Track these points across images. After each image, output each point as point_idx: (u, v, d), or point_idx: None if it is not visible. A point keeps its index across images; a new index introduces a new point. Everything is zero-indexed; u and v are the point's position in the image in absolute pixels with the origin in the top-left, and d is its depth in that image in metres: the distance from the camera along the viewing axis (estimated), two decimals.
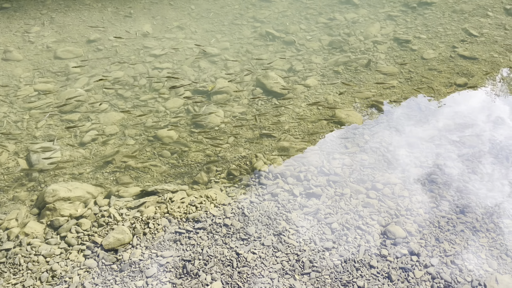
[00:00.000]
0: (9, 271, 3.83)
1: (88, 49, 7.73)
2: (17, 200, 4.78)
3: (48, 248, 4.05)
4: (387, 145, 5.33)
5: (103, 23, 8.52)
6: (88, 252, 3.99)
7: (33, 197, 4.83)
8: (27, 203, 4.75)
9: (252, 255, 3.88)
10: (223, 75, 7.10)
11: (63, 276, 3.75)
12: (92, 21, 8.53)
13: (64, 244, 4.10)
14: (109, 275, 3.75)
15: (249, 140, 5.66)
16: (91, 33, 8.15)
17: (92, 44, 7.87)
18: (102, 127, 5.91)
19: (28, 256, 3.96)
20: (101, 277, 3.74)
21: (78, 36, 8.05)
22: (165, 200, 4.60)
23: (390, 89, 6.51)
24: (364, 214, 4.34)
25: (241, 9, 9.31)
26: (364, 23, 8.57)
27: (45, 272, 3.79)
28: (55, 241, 4.14)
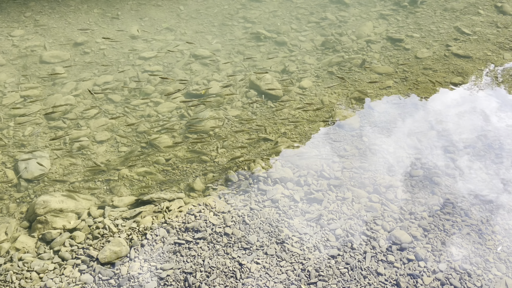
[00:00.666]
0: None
1: (75, 53, 7.50)
2: (6, 213, 4.57)
3: (41, 263, 3.86)
4: (386, 147, 5.26)
5: (89, 25, 8.28)
6: (83, 266, 3.82)
7: (23, 209, 4.62)
8: (16, 216, 4.54)
9: (255, 265, 3.75)
10: (216, 78, 6.95)
11: None
12: (78, 24, 8.29)
13: (57, 259, 3.91)
14: None
15: (246, 145, 5.53)
16: (78, 36, 7.91)
17: (79, 47, 7.64)
18: (93, 134, 5.72)
19: (20, 272, 3.76)
20: None
21: (64, 39, 7.80)
22: (162, 209, 4.44)
23: (386, 89, 6.44)
24: (367, 219, 4.24)
25: (231, 9, 9.15)
26: (356, 22, 8.50)
27: None
28: (48, 256, 3.95)
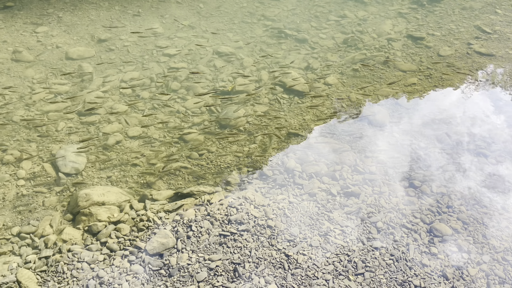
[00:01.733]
0: (52, 279, 3.71)
1: (99, 49, 7.57)
2: (48, 206, 4.65)
3: (90, 254, 3.94)
4: (417, 142, 5.35)
5: (111, 22, 8.35)
6: (132, 257, 3.89)
7: (64, 202, 4.70)
8: (58, 209, 4.62)
9: (302, 256, 3.84)
10: (241, 74, 7.02)
11: (112, 282, 3.65)
12: (100, 20, 8.35)
13: (106, 250, 3.99)
14: (159, 281, 3.67)
15: (277, 140, 5.61)
16: (101, 32, 7.98)
17: (103, 44, 7.70)
18: (125, 129, 5.79)
19: (71, 263, 3.84)
20: (151, 283, 3.65)
21: (88, 35, 7.87)
22: (203, 202, 4.52)
23: (411, 86, 6.53)
24: (406, 212, 4.33)
25: (250, 7, 9.23)
26: (375, 20, 8.58)
27: (92, 279, 3.68)
28: (96, 247, 4.03)
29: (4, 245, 4.14)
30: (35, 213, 4.55)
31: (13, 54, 7.23)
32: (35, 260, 3.90)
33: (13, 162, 5.14)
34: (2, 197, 4.70)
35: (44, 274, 3.76)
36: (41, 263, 3.87)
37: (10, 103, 6.14)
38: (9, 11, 8.44)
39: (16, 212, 4.55)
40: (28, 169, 5.09)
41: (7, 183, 4.89)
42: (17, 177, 4.98)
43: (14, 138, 5.55)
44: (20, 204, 4.65)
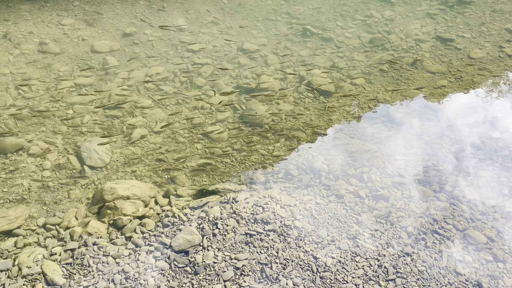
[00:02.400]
0: (78, 272, 3.68)
1: (124, 43, 7.56)
2: (73, 198, 4.63)
3: (116, 248, 3.91)
4: (449, 146, 5.20)
5: (136, 16, 8.34)
6: (157, 253, 3.85)
7: (89, 195, 4.68)
8: (83, 201, 4.60)
9: (331, 259, 3.74)
10: (265, 72, 6.94)
11: (137, 278, 3.61)
12: (125, 14, 8.35)
13: (131, 245, 3.95)
14: (185, 278, 3.61)
15: (302, 139, 5.52)
16: (126, 26, 7.97)
17: (128, 38, 7.70)
18: (149, 124, 5.76)
19: (96, 256, 3.81)
20: (177, 280, 3.60)
21: (113, 29, 7.88)
22: (228, 200, 4.45)
23: (441, 88, 6.37)
24: (438, 217, 4.20)
25: (274, 4, 9.14)
26: (402, 20, 8.41)
27: (117, 274, 3.65)
28: (121, 242, 3.99)
29: (30, 236, 4.13)
30: (61, 204, 4.54)
31: (39, 46, 7.27)
32: (61, 252, 3.88)
33: (39, 153, 5.14)
34: (28, 188, 4.71)
35: (69, 266, 3.73)
36: (67, 255, 3.85)
37: (36, 94, 6.17)
38: (36, 2, 8.50)
39: (42, 203, 4.55)
40: (54, 161, 5.10)
41: (33, 174, 4.90)
42: (43, 168, 4.98)
43: (40, 129, 5.56)
44: (46, 195, 4.65)
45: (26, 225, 4.25)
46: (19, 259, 3.80)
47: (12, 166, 4.96)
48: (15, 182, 4.75)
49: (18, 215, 4.29)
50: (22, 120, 5.69)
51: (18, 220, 4.24)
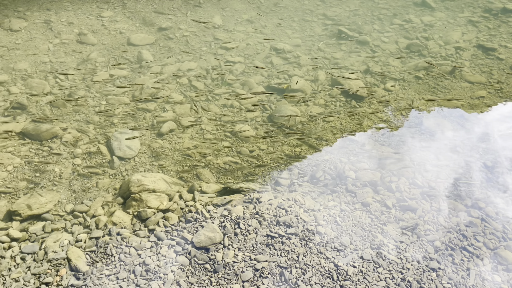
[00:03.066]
0: (101, 260, 3.75)
1: (159, 37, 7.67)
2: (101, 187, 4.73)
3: (138, 240, 3.96)
4: (484, 160, 4.99)
5: (173, 11, 8.44)
6: (178, 248, 3.88)
7: (116, 185, 4.77)
8: (110, 191, 4.69)
9: (352, 268, 3.66)
10: (297, 73, 6.88)
11: (157, 271, 3.64)
12: (162, 9, 8.46)
13: (153, 238, 4.00)
14: (203, 275, 3.62)
15: (331, 143, 5.43)
16: (162, 21, 8.08)
17: (163, 32, 7.80)
18: (178, 119, 5.81)
19: (119, 246, 3.88)
20: (196, 277, 3.61)
21: (150, 23, 7.99)
22: (252, 200, 4.44)
23: (479, 99, 6.13)
24: (468, 234, 4.04)
25: (311, 5, 9.04)
26: (443, 27, 8.15)
27: (138, 266, 3.70)
28: (144, 234, 4.05)
29: (58, 222, 4.25)
30: (89, 193, 4.64)
31: (78, 36, 7.47)
32: (86, 240, 3.97)
33: (72, 141, 5.28)
34: (59, 174, 4.84)
35: (93, 254, 3.81)
36: (91, 243, 3.94)
37: (73, 84, 6.34)
38: None
39: (71, 190, 4.66)
40: (85, 149, 5.22)
41: (65, 161, 5.04)
42: (74, 155, 5.11)
43: (74, 118, 5.71)
44: (75, 183, 4.77)
45: (55, 211, 4.37)
46: (45, 243, 3.91)
47: (45, 152, 5.11)
48: (47, 168, 4.89)
49: (48, 200, 4.42)
50: (58, 108, 5.85)
51: (47, 205, 4.37)
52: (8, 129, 5.36)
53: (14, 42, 7.21)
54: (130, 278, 3.59)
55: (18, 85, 6.26)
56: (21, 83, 6.28)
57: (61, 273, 3.62)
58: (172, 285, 3.54)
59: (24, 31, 7.47)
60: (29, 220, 4.25)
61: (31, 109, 5.76)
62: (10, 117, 5.62)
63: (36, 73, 6.53)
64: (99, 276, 3.60)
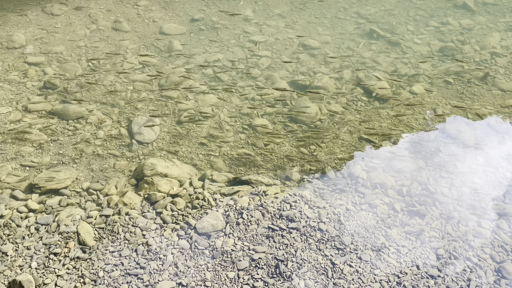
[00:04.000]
0: (107, 237, 3.94)
1: (191, 28, 7.83)
2: (117, 169, 4.94)
3: (145, 221, 4.12)
4: (504, 171, 4.81)
5: (207, 3, 8.58)
6: (181, 232, 4.00)
7: (132, 168, 4.96)
8: (126, 173, 4.89)
9: (348, 267, 3.66)
10: (322, 70, 6.85)
11: (158, 252, 3.79)
12: (197, 0, 8.62)
13: (159, 220, 4.15)
14: (201, 260, 3.73)
15: (347, 143, 5.39)
16: (196, 12, 8.24)
17: (195, 23, 7.96)
18: (199, 108, 5.94)
19: (126, 226, 4.06)
20: (193, 261, 3.72)
21: (183, 13, 8.18)
22: (258, 192, 4.50)
23: (509, 108, 5.87)
24: (474, 244, 3.92)
25: (346, 2, 8.92)
26: (481, 31, 7.83)
27: (141, 245, 3.85)
28: (151, 216, 4.21)
29: (74, 197, 4.49)
30: (105, 173, 4.86)
31: (114, 23, 7.76)
32: (96, 217, 4.18)
33: (96, 123, 5.53)
34: (80, 153, 5.09)
35: (101, 231, 4.01)
36: (101, 220, 4.14)
37: (103, 68, 6.61)
38: None
39: (90, 169, 4.90)
40: (107, 131, 5.46)
41: (88, 141, 5.28)
42: (96, 137, 5.36)
43: (101, 101, 5.97)
44: (94, 162, 5.00)
45: (72, 187, 4.62)
46: (59, 216, 4.15)
47: (70, 132, 5.39)
48: (70, 146, 5.15)
49: (67, 176, 4.67)
50: (87, 91, 6.13)
51: (66, 181, 4.62)
52: (39, 108, 5.68)
53: (54, 26, 7.59)
54: (132, 256, 3.75)
55: (53, 66, 6.60)
56: (56, 65, 6.63)
57: (69, 246, 3.84)
58: (170, 266, 3.67)
59: (63, 16, 7.84)
60: (48, 193, 4.51)
61: (62, 90, 6.07)
62: (42, 96, 5.95)
63: (70, 56, 6.86)
64: (103, 252, 3.79)
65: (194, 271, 3.63)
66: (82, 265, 3.66)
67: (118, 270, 3.62)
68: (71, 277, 3.55)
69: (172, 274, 3.60)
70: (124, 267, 3.65)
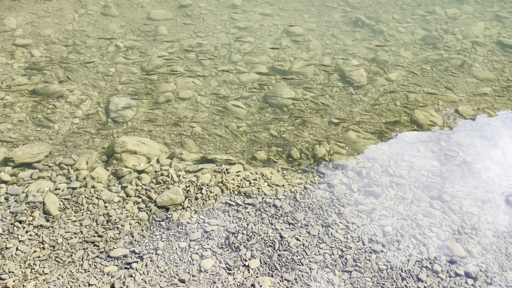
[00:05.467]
0: (71, 208, 4.15)
1: (178, 14, 7.97)
2: (91, 145, 5.14)
3: (109, 194, 4.32)
4: (464, 156, 4.89)
5: None
6: (142, 205, 4.19)
7: (105, 145, 5.16)
8: (98, 150, 5.09)
9: (295, 241, 3.81)
10: (303, 56, 6.95)
11: (117, 222, 3.99)
12: None
13: (123, 194, 4.34)
14: (157, 231, 3.91)
15: (316, 126, 5.51)
16: None
17: (182, 9, 8.10)
18: (177, 91, 6.10)
19: (90, 198, 4.26)
20: (149, 231, 3.91)
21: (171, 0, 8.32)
22: (221, 170, 4.67)
23: (481, 96, 5.93)
24: (423, 223, 4.04)
25: None
26: (467, 20, 7.84)
27: (102, 216, 4.05)
28: (116, 189, 4.40)
29: (45, 171, 4.70)
30: (79, 149, 5.07)
31: (103, 8, 7.94)
32: (64, 189, 4.39)
33: (75, 102, 5.73)
34: (57, 131, 5.30)
35: (66, 202, 4.22)
36: (67, 192, 4.34)
37: (88, 51, 6.80)
38: None
39: (64, 145, 5.11)
40: (85, 111, 5.66)
41: (65, 120, 5.49)
42: (75, 115, 5.56)
43: (82, 81, 6.17)
44: (69, 139, 5.20)
45: (45, 162, 4.83)
46: (29, 188, 4.37)
47: (50, 110, 5.60)
48: (47, 124, 5.37)
49: (41, 151, 4.88)
50: (70, 72, 6.33)
51: (39, 155, 4.83)
52: (22, 88, 5.90)
53: (45, 11, 7.80)
54: (91, 226, 3.96)
55: (40, 49, 6.81)
56: (43, 47, 6.84)
57: (34, 214, 4.05)
58: (127, 235, 3.86)
59: (55, 1, 8.04)
60: (21, 167, 4.73)
61: (46, 71, 6.28)
62: (26, 76, 6.17)
63: (58, 39, 7.06)
64: (65, 221, 4.00)
65: (148, 240, 3.82)
66: (43, 232, 3.87)
67: (77, 237, 3.83)
68: (32, 243, 3.76)
69: (127, 243, 3.80)
70: (83, 235, 3.85)
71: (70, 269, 3.54)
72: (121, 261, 3.63)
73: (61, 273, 3.50)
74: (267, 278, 3.47)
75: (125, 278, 3.47)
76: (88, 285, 3.41)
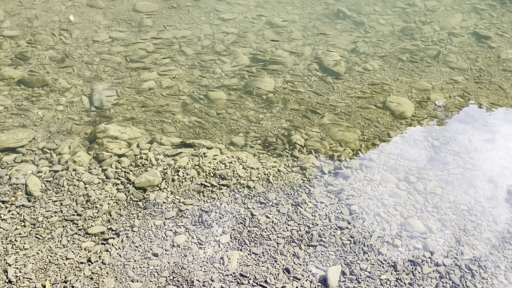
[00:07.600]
0: (52, 189, 4.32)
1: (163, 5, 8.12)
2: (74, 131, 5.30)
3: (89, 176, 4.50)
4: (432, 140, 5.11)
5: None
6: (121, 186, 4.38)
7: (88, 131, 5.33)
8: (81, 135, 5.26)
9: (265, 218, 4.01)
10: (284, 47, 7.13)
11: (96, 202, 4.17)
12: None
13: (103, 176, 4.52)
14: (134, 210, 4.10)
15: (294, 113, 5.71)
16: None
17: (168, 1, 8.25)
18: (160, 80, 6.27)
19: (71, 180, 4.43)
20: (127, 210, 4.10)
21: None
22: (199, 154, 4.85)
23: (453, 84, 6.14)
24: (388, 203, 4.26)
25: None
26: (445, 13, 8.04)
27: (82, 196, 4.23)
28: (96, 172, 4.58)
29: (29, 155, 4.87)
30: (62, 135, 5.23)
31: (89, 0, 8.07)
32: (46, 172, 4.56)
33: (60, 91, 5.89)
34: (41, 117, 5.47)
35: (48, 183, 4.39)
36: (49, 174, 4.52)
37: (74, 42, 6.95)
38: None
39: (48, 131, 5.27)
40: (69, 98, 5.82)
41: (49, 107, 5.65)
42: (59, 103, 5.72)
43: (67, 70, 6.32)
44: (53, 125, 5.37)
45: (29, 146, 5.00)
46: (12, 171, 4.54)
47: (34, 98, 5.76)
48: (32, 111, 5.53)
49: (25, 137, 5.05)
50: (56, 62, 6.48)
51: (23, 140, 5.00)
52: (8, 77, 6.05)
53: (32, 3, 7.93)
54: (71, 205, 4.14)
55: (27, 39, 6.94)
56: (30, 38, 6.97)
57: (17, 195, 4.23)
58: (104, 214, 4.05)
59: None
60: (6, 152, 4.90)
61: (32, 61, 6.43)
62: (13, 66, 6.31)
63: (44, 30, 7.20)
64: (46, 201, 4.18)
65: (125, 218, 4.01)
66: (25, 211, 4.05)
67: (57, 216, 4.01)
68: (14, 221, 3.94)
69: (104, 221, 3.99)
70: (62, 214, 4.03)
71: (49, 245, 3.72)
72: (98, 237, 3.82)
73: (41, 248, 3.69)
74: (236, 251, 3.67)
75: (101, 253, 3.66)
76: (66, 258, 3.59)
